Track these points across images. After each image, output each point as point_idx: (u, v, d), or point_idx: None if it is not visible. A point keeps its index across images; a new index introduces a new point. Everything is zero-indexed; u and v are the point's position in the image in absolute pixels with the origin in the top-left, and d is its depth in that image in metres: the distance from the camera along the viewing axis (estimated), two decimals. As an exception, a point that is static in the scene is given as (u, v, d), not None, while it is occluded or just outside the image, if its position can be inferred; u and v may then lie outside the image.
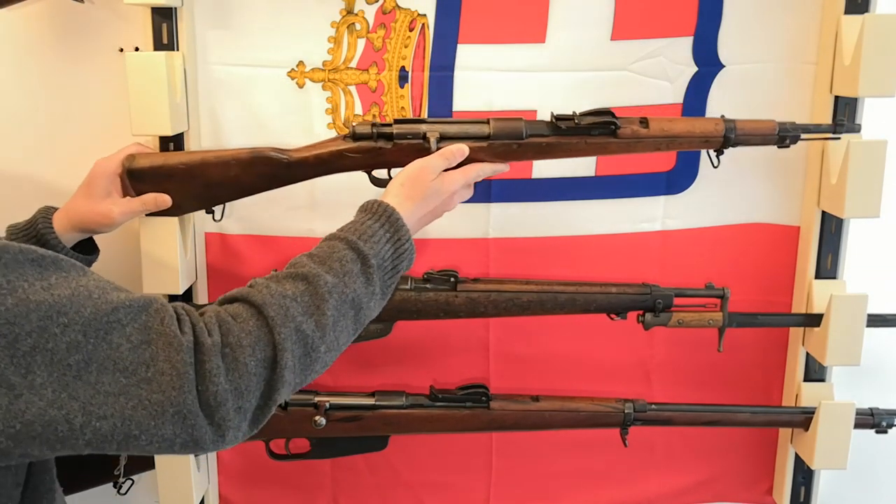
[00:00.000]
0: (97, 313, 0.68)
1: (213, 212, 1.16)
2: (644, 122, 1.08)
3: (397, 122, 1.07)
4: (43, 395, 0.65)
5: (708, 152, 1.12)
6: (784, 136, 1.10)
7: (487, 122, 1.07)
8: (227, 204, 1.16)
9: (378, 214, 0.91)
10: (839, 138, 1.16)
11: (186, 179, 1.10)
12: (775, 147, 1.21)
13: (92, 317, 0.68)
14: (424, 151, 1.04)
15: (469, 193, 1.06)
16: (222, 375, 0.72)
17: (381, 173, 1.11)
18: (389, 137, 1.06)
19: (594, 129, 1.07)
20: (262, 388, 0.75)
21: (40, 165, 1.24)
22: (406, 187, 0.98)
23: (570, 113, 1.07)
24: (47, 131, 1.23)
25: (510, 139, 1.07)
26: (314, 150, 1.09)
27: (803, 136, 1.11)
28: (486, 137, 1.06)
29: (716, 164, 1.12)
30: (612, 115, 1.07)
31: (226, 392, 0.72)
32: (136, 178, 1.09)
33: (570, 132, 1.07)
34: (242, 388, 0.73)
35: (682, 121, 1.11)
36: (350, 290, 0.83)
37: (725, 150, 1.11)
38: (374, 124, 1.06)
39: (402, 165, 1.04)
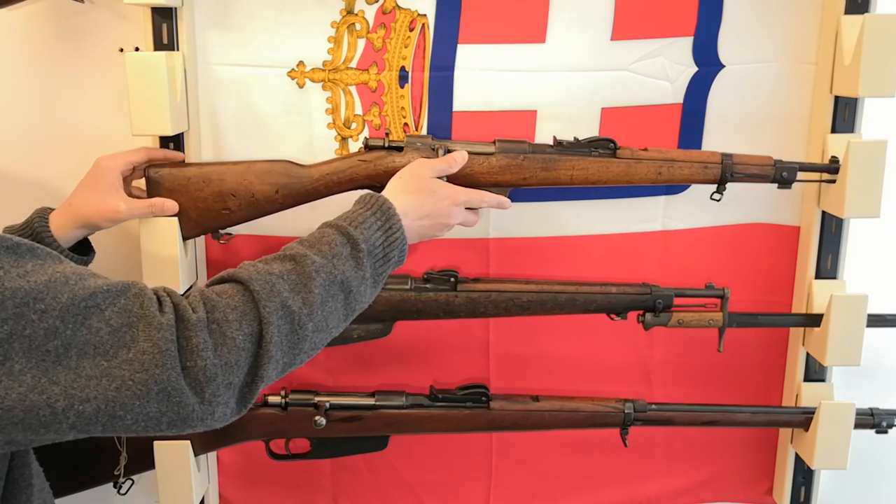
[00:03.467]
0: (74, 299, 0.69)
1: (219, 235, 1.17)
2: (644, 149, 1.15)
3: (409, 136, 1.14)
4: (22, 381, 0.66)
5: (712, 196, 1.16)
6: (781, 169, 1.15)
7: (494, 142, 1.13)
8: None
9: (370, 203, 0.93)
10: (835, 181, 1.18)
11: (202, 186, 1.12)
12: (775, 145, 1.22)
13: (69, 302, 0.68)
14: (433, 157, 1.11)
15: (473, 219, 1.09)
16: (210, 350, 0.72)
17: None
18: (400, 149, 1.12)
19: (594, 148, 1.13)
20: (249, 363, 0.75)
21: (40, 165, 1.24)
22: (402, 180, 1.02)
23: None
24: (47, 131, 1.23)
25: (515, 153, 1.13)
26: (329, 161, 1.15)
27: (800, 174, 1.16)
28: (491, 153, 1.12)
29: (718, 199, 1.16)
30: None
31: (215, 367, 0.72)
32: (153, 182, 1.12)
33: (571, 149, 1.13)
34: (232, 362, 0.73)
35: (681, 150, 1.18)
36: (339, 271, 0.84)
37: (727, 186, 1.15)
38: (386, 137, 1.13)
39: None
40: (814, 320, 1.24)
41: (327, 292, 0.82)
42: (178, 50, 1.15)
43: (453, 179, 1.12)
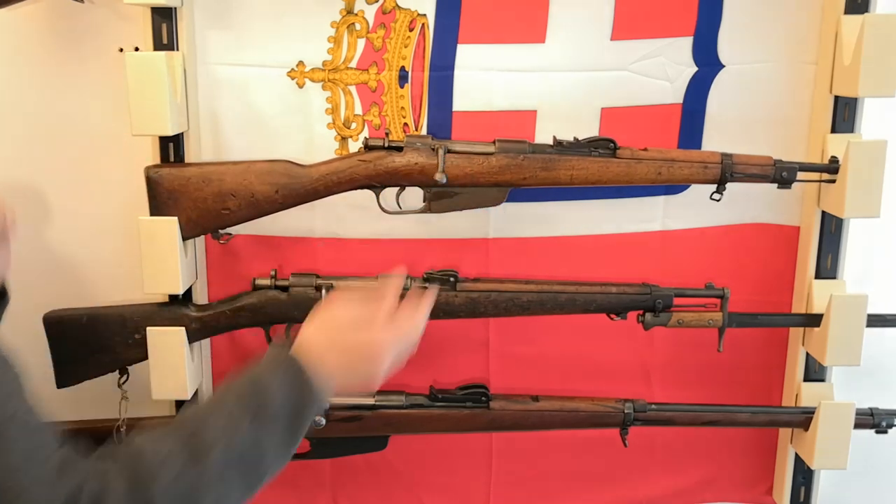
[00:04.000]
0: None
1: (218, 235, 1.17)
2: (644, 149, 1.15)
3: (408, 136, 1.14)
4: None
5: (711, 196, 1.16)
6: (780, 169, 1.14)
7: (493, 142, 1.13)
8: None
9: (279, 358, 0.84)
10: (835, 180, 1.18)
11: (201, 186, 1.12)
12: (775, 145, 1.22)
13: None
14: (433, 157, 1.11)
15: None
16: None
17: (391, 194, 1.15)
18: (400, 149, 1.12)
19: (594, 147, 1.13)
20: None
21: (40, 165, 1.24)
22: (318, 321, 0.90)
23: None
24: (47, 131, 1.23)
25: (515, 153, 1.12)
26: (329, 161, 1.15)
27: (800, 174, 1.15)
28: (492, 153, 1.12)
29: (718, 199, 1.16)
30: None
31: None
32: (153, 182, 1.12)
33: (571, 149, 1.13)
34: None
35: (681, 150, 1.18)
36: (238, 443, 0.77)
37: (726, 186, 1.15)
38: (386, 137, 1.13)
39: (412, 173, 1.11)
40: (814, 320, 1.24)
41: (226, 465, 0.76)
42: (177, 50, 1.15)
43: (453, 180, 1.12)
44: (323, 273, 1.20)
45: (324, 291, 1.15)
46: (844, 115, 1.21)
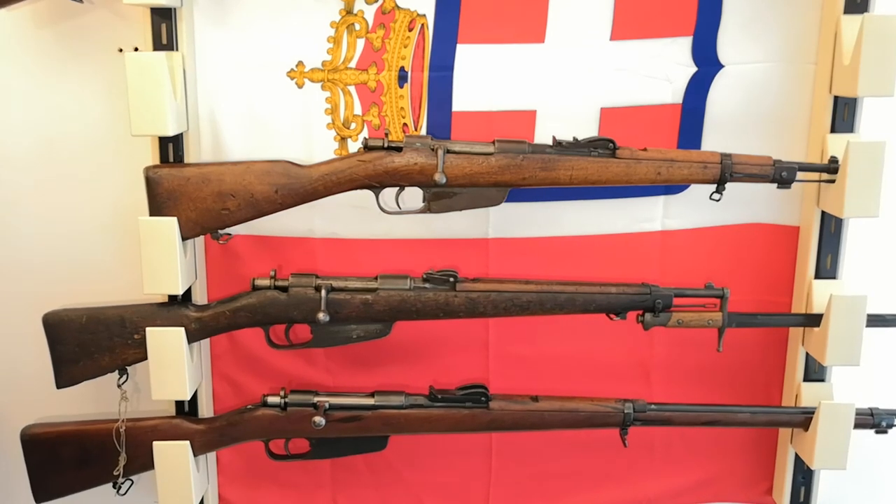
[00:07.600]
0: None
1: (218, 235, 1.17)
2: (644, 149, 1.15)
3: (408, 136, 1.14)
4: None
5: (711, 196, 1.16)
6: (780, 169, 1.14)
7: (493, 143, 1.13)
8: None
9: None
10: (834, 180, 1.18)
11: (201, 186, 1.13)
12: (774, 145, 1.22)
13: None
14: (433, 157, 1.11)
15: None
16: None
17: (390, 194, 1.15)
18: (399, 149, 1.12)
19: (593, 148, 1.13)
20: None
21: (40, 165, 1.24)
22: None
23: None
24: (47, 131, 1.23)
25: (514, 153, 1.12)
26: (328, 162, 1.15)
27: (799, 174, 1.16)
28: (491, 153, 1.12)
29: (717, 199, 1.16)
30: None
31: None
32: (153, 182, 1.12)
33: (570, 149, 1.14)
34: None
35: (681, 150, 1.18)
36: None
37: (726, 186, 1.15)
38: (385, 137, 1.13)
39: (411, 174, 1.12)
40: (813, 320, 1.24)
41: None
42: (177, 50, 1.15)
43: (452, 180, 1.12)
44: (322, 273, 1.20)
45: (323, 292, 1.15)
46: (844, 115, 1.21)
